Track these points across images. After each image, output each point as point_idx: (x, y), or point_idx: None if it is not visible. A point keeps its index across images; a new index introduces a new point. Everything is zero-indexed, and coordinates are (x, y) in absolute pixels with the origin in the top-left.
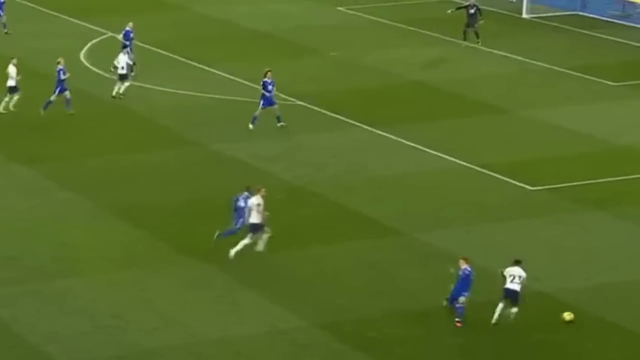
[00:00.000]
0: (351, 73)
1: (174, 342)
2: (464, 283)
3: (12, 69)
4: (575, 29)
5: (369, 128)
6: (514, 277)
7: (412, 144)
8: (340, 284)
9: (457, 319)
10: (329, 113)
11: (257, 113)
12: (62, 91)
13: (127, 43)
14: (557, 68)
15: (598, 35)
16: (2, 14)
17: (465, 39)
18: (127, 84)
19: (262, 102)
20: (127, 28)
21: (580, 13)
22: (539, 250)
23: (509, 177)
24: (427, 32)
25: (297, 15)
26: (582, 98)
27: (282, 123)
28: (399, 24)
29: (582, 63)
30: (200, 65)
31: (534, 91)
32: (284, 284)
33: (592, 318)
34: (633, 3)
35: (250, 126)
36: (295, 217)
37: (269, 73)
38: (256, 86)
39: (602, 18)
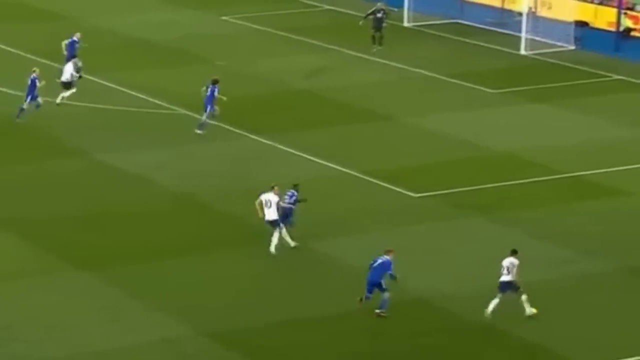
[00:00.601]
0: (237, 82)
1: (59, 353)
2: (379, 270)
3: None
4: (455, 37)
5: (255, 137)
6: (504, 268)
7: (298, 152)
8: (227, 291)
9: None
10: (214, 122)
11: (204, 118)
12: (33, 99)
13: (67, 53)
14: (437, 75)
15: (476, 42)
16: None
17: (374, 43)
18: (69, 92)
19: (209, 107)
20: (74, 38)
21: (459, 21)
22: (423, 256)
23: (393, 185)
24: (311, 40)
25: (182, 24)
26: (462, 105)
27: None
28: (283, 33)
29: (461, 70)
30: (85, 75)
31: (415, 99)
32: (171, 293)
33: (471, 322)
34: (510, 11)
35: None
36: (181, 227)
37: (218, 83)
38: (142, 95)
39: (480, 26)
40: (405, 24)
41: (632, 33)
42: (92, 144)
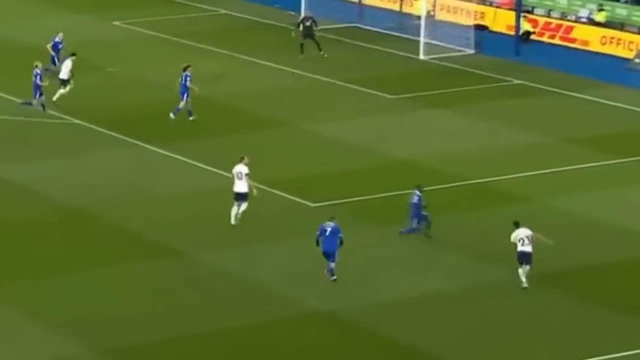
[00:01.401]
0: (130, 89)
1: None
2: (333, 238)
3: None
4: (353, 42)
5: (148, 146)
6: (523, 240)
7: (193, 162)
8: (121, 307)
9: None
10: (106, 131)
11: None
12: (40, 95)
13: (54, 54)
14: (335, 81)
15: (375, 47)
16: None
17: (302, 52)
18: (68, 89)
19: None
20: (57, 39)
21: (358, 25)
22: (321, 267)
23: (290, 194)
24: (206, 46)
25: (74, 30)
26: (361, 111)
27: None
28: (177, 38)
29: (360, 76)
30: None
31: (313, 105)
32: (64, 309)
33: (371, 335)
34: (408, 15)
35: (173, 117)
36: (71, 241)
37: (189, 68)
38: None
39: (379, 30)
40: (300, 28)
41: (532, 36)
42: None
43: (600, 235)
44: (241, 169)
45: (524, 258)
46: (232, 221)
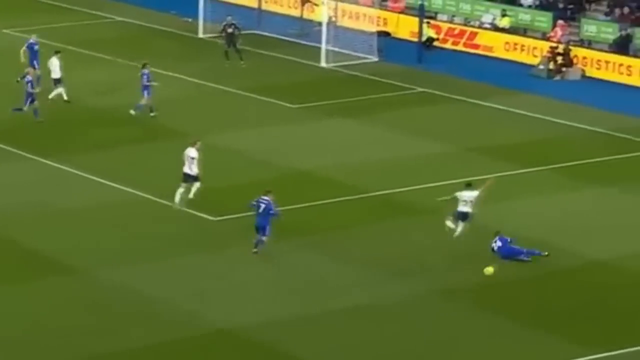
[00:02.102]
0: (18, 99)
1: None
2: (265, 214)
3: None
4: (253, 49)
5: (43, 160)
6: (466, 201)
7: (89, 175)
8: (12, 327)
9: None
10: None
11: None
12: (32, 102)
13: (31, 57)
14: (234, 90)
15: (275, 54)
16: None
17: (227, 59)
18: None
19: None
20: (31, 40)
21: (258, 32)
22: (224, 284)
23: (190, 208)
24: (99, 54)
25: None
26: (261, 121)
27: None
28: (69, 46)
29: (260, 84)
30: None
31: (211, 115)
32: None
33: (275, 354)
34: (309, 21)
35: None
36: None
37: (147, 65)
38: None
39: (279, 37)
40: (201, 35)
41: (435, 43)
42: None
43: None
44: (191, 152)
45: (462, 217)
46: (176, 200)
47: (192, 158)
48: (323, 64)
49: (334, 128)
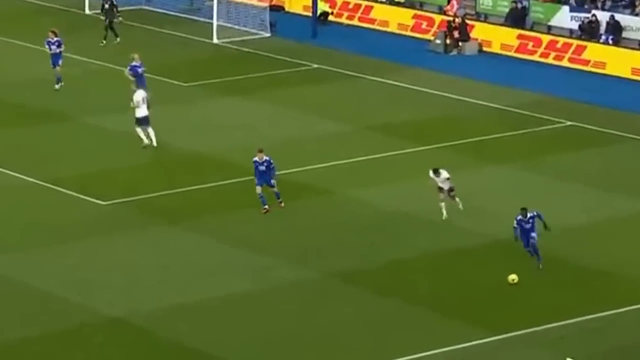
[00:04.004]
0: None
1: None
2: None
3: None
4: (141, 25)
5: None
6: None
7: None
8: None
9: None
10: None
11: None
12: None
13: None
14: (122, 68)
15: (164, 31)
16: None
17: (116, 36)
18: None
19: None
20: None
21: (146, 7)
22: (112, 271)
23: (78, 192)
24: None
25: None
26: (152, 100)
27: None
28: None
29: (150, 62)
30: None
31: (97, 95)
32: None
33: (166, 341)
34: None
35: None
36: None
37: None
38: None
39: (170, 13)
40: (87, 11)
41: (329, 18)
42: None
43: (403, 227)
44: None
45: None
46: (145, 141)
47: (143, 98)
48: (215, 40)
49: (226, 107)
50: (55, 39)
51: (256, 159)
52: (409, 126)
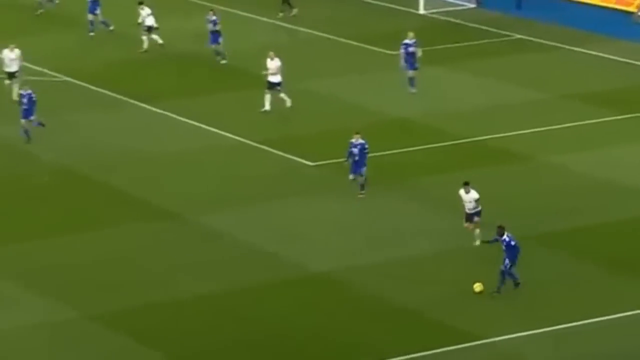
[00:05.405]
0: (120, 44)
1: None
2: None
3: None
4: None
5: (141, 104)
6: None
7: (188, 120)
8: (114, 271)
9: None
10: (99, 89)
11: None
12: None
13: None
14: (335, 37)
15: (375, 2)
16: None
17: (291, 7)
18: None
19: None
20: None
21: None
22: (321, 227)
23: (288, 153)
24: (199, 1)
25: None
26: (359, 68)
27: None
28: None
29: (359, 32)
30: None
31: (311, 62)
32: (55, 275)
33: (369, 297)
34: None
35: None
36: (62, 202)
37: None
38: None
39: None
40: None
41: None
42: None
43: (601, 194)
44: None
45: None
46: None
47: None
48: (421, 10)
49: (430, 75)
50: (213, 17)
51: (352, 140)
52: (608, 95)
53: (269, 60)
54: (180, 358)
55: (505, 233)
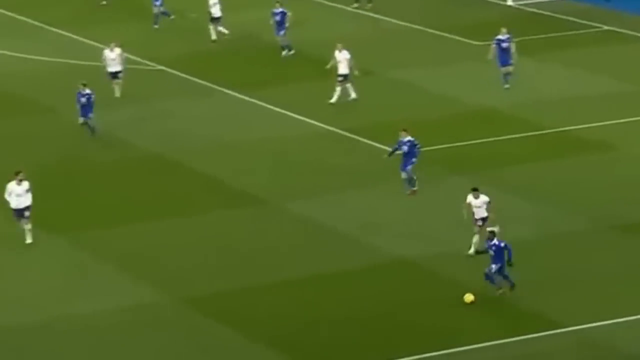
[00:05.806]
0: (209, 36)
1: (26, 319)
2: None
3: None
4: None
5: (231, 92)
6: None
7: (275, 108)
8: (202, 255)
9: (412, 188)
10: (189, 77)
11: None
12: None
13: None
14: (422, 28)
15: None
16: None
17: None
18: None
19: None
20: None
21: None
22: (407, 216)
23: (374, 141)
24: None
25: None
26: (446, 58)
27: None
28: None
29: (447, 23)
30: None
31: (398, 52)
32: (143, 258)
33: (451, 281)
34: None
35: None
36: (154, 187)
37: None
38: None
39: None
40: None
41: None
42: (61, 102)
43: None
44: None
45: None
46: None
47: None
48: (510, 2)
49: (518, 65)
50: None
51: (401, 138)
52: None
53: (336, 52)
54: (263, 339)
55: (495, 238)
